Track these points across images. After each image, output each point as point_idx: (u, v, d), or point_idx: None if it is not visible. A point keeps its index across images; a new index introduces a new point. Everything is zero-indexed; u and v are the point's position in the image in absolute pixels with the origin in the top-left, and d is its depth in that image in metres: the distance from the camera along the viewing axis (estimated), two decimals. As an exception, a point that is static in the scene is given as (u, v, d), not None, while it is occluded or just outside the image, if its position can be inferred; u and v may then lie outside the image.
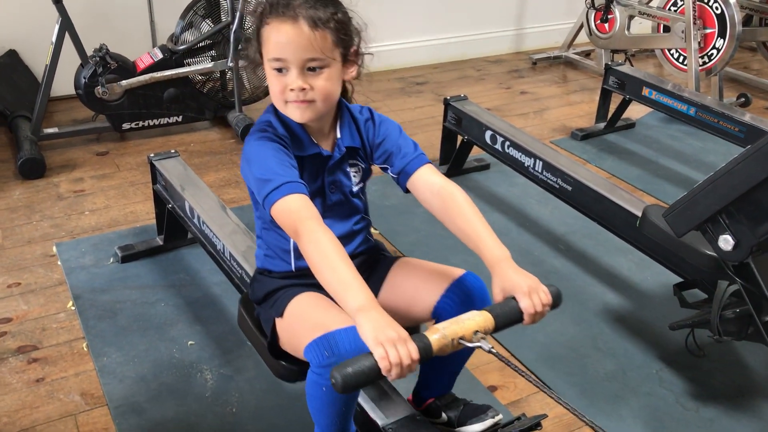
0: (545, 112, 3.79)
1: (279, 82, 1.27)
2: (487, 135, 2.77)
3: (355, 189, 1.42)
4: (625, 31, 4.03)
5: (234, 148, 3.21)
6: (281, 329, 1.37)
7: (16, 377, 1.91)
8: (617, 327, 2.17)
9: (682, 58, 3.90)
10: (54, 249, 2.45)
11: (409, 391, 1.57)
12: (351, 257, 1.22)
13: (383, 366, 1.06)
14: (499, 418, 1.40)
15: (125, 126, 3.20)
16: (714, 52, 3.71)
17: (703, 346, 2.03)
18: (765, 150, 0.71)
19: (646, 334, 2.14)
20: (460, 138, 2.96)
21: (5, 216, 2.64)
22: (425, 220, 2.70)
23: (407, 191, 1.43)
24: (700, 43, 3.72)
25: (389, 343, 1.06)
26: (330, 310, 1.27)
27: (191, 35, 3.21)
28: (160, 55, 3.16)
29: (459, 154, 2.99)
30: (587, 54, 4.55)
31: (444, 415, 1.45)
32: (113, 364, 1.96)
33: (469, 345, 1.13)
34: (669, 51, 3.98)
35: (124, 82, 3.10)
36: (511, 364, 1.17)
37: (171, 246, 2.44)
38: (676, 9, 3.87)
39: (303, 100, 1.27)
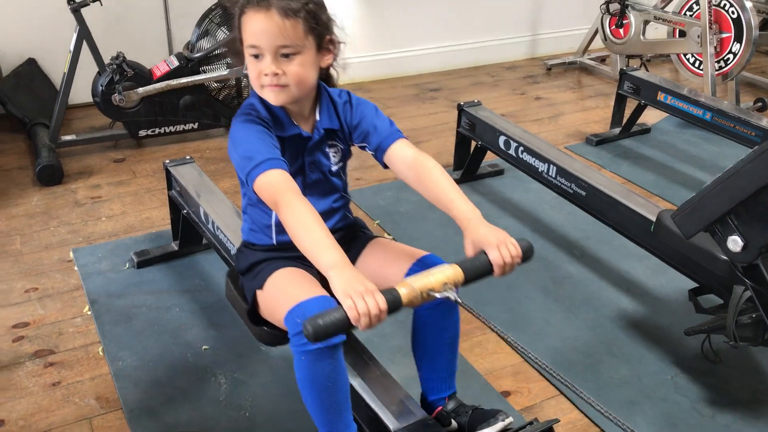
0: (560, 117, 3.78)
1: (255, 67, 1.37)
2: (501, 140, 2.77)
3: (334, 168, 1.51)
4: (641, 36, 4.02)
5: (249, 154, 3.22)
6: (262, 300, 1.47)
7: (32, 381, 1.93)
8: (632, 332, 2.16)
9: (698, 62, 3.87)
10: (71, 254, 2.47)
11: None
12: (333, 231, 1.34)
13: (352, 316, 1.14)
14: (510, 421, 1.40)
15: (142, 133, 3.24)
16: (730, 56, 3.69)
17: (719, 351, 2.01)
18: None
19: (661, 339, 2.12)
20: (473, 143, 2.96)
21: (24, 222, 2.68)
22: (439, 225, 2.70)
23: (386, 166, 1.51)
24: (716, 48, 3.70)
25: (357, 295, 1.14)
26: (305, 283, 1.36)
27: (207, 43, 3.24)
28: (176, 63, 3.19)
29: (473, 159, 2.99)
30: (602, 59, 4.54)
31: (454, 423, 1.45)
32: (128, 368, 1.98)
33: (438, 296, 1.19)
34: (685, 56, 3.95)
35: (140, 89, 3.14)
36: (481, 316, 1.26)
37: (186, 251, 2.46)
38: (691, 13, 3.85)
39: (277, 84, 1.36)
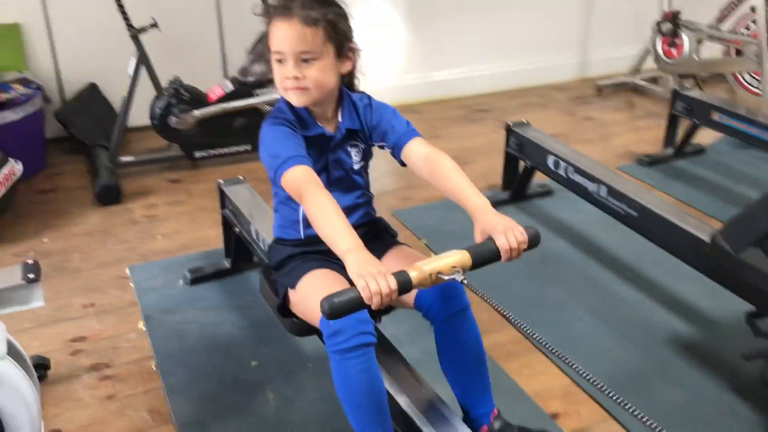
0: (610, 138, 3.74)
1: (279, 72, 1.49)
2: (550, 160, 2.75)
3: (356, 167, 1.61)
4: (694, 56, 3.96)
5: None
6: (294, 299, 1.57)
7: (88, 393, 1.98)
8: (686, 356, 2.11)
9: (754, 82, 3.79)
10: (127, 271, 2.55)
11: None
12: (356, 227, 1.44)
13: (365, 295, 1.22)
14: (558, 441, 1.38)
15: (197, 154, 3.32)
16: (789, 75, 3.60)
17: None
18: None
19: (718, 364, 2.07)
20: (522, 164, 2.95)
21: (83, 240, 2.77)
22: (510, 274, 2.68)
23: (403, 164, 1.60)
24: (773, 67, 3.62)
25: (370, 276, 1.23)
26: (336, 286, 1.41)
27: (260, 67, 3.32)
28: (230, 87, 3.28)
29: (521, 180, 2.98)
30: (654, 80, 4.48)
31: (500, 442, 1.44)
32: (180, 383, 2.02)
33: (446, 278, 1.27)
34: (740, 75, 3.88)
35: (196, 112, 3.22)
36: (491, 300, 1.30)
37: (237, 269, 2.51)
38: (748, 32, 3.78)
39: (298, 87, 1.47)
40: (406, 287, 1.25)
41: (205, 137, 3.29)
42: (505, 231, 1.36)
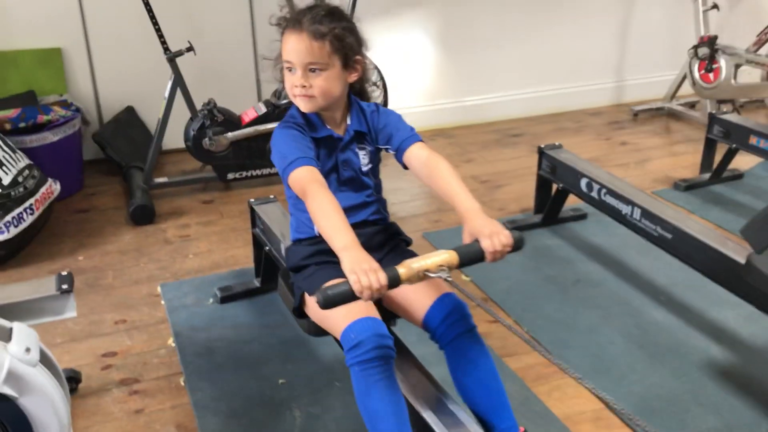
0: (647, 162, 3.69)
1: (289, 80, 1.61)
2: (583, 183, 2.73)
3: (365, 168, 1.70)
4: (732, 81, 3.91)
5: (331, 197, 3.29)
6: (311, 306, 1.64)
7: (117, 407, 2.00)
8: (722, 382, 2.05)
9: (794, 106, 3.73)
10: (159, 289, 2.58)
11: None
12: (365, 224, 1.66)
13: (356, 288, 1.32)
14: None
15: (230, 176, 3.37)
16: (830, 99, 3.53)
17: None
18: None
19: (754, 390, 2.01)
20: (555, 186, 2.92)
21: (116, 258, 2.81)
22: (518, 269, 2.66)
23: (405, 167, 1.70)
24: (813, 91, 3.55)
25: (362, 272, 1.33)
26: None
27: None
28: (263, 109, 3.32)
29: (554, 202, 2.95)
30: (692, 105, 4.42)
31: (528, 460, 1.42)
32: (207, 398, 2.02)
33: (432, 275, 1.36)
34: (780, 100, 3.81)
35: (229, 134, 3.27)
36: (476, 299, 1.42)
37: (267, 288, 2.52)
38: (786, 56, 3.72)
39: (305, 94, 1.59)
40: (394, 282, 1.35)
41: (238, 159, 3.33)
42: (491, 234, 1.43)
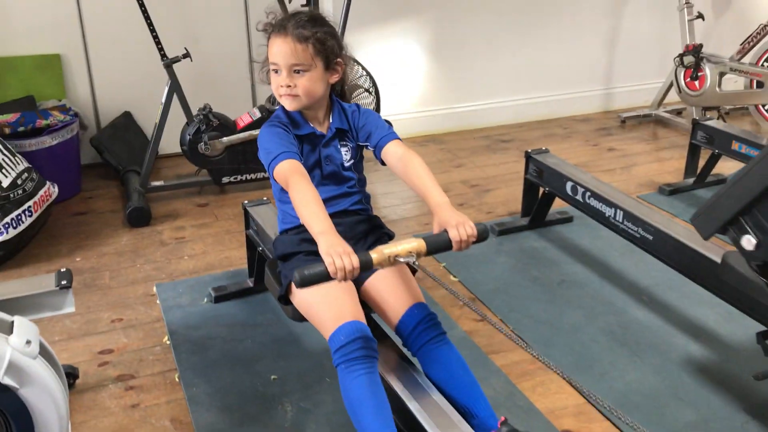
0: (633, 168, 3.77)
1: (275, 80, 1.73)
2: (568, 186, 2.80)
3: (346, 164, 1.83)
4: (717, 88, 3.99)
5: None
6: (298, 299, 1.74)
7: (114, 402, 2.06)
8: (700, 378, 2.12)
9: (777, 113, 3.81)
10: (154, 289, 2.64)
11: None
12: (346, 213, 1.80)
13: (330, 270, 1.43)
14: (562, 446, 1.41)
15: (225, 180, 3.43)
16: (811, 107, 3.62)
17: (793, 398, 1.95)
18: None
19: (731, 386, 2.08)
20: (541, 190, 3.00)
21: (113, 259, 2.87)
22: (505, 269, 2.73)
23: (383, 163, 1.81)
24: (795, 98, 3.64)
25: (336, 254, 1.44)
26: (340, 294, 1.64)
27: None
28: (258, 114, 3.39)
29: (541, 205, 3.02)
30: (678, 112, 4.51)
31: (509, 447, 1.48)
32: (202, 394, 2.08)
33: (402, 260, 1.48)
34: (764, 107, 3.90)
35: (224, 139, 3.34)
36: (444, 283, 1.51)
37: (260, 288, 2.58)
38: (769, 64, 3.81)
39: (290, 94, 1.71)
40: (367, 266, 1.46)
41: (233, 163, 3.40)
42: (457, 225, 1.55)
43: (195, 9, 3.74)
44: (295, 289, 1.72)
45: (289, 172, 1.64)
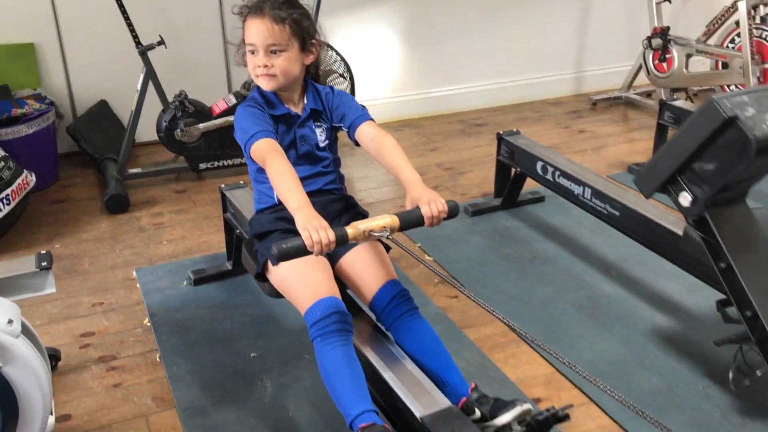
0: (603, 149, 3.85)
1: (252, 61, 1.77)
2: (539, 166, 2.87)
3: (321, 144, 1.87)
4: (684, 70, 4.08)
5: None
6: (274, 276, 1.79)
7: (96, 382, 2.10)
8: (665, 347, 2.20)
9: (742, 93, 3.91)
10: (134, 274, 2.67)
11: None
12: (321, 192, 1.84)
13: (307, 243, 1.48)
14: (528, 407, 1.48)
15: (202, 166, 3.46)
16: (774, 86, 3.72)
17: (752, 362, 2.03)
18: (705, 112, 0.80)
19: (694, 353, 2.16)
20: (513, 171, 3.06)
21: (92, 246, 2.90)
22: (478, 248, 2.80)
23: (357, 143, 1.86)
24: (759, 79, 3.73)
25: (313, 229, 1.49)
26: (316, 270, 1.68)
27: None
28: (233, 100, 3.42)
29: (513, 186, 3.09)
30: (648, 94, 4.60)
31: (477, 412, 1.54)
32: (182, 372, 2.13)
33: (376, 235, 1.54)
34: (729, 88, 3.99)
35: (201, 125, 3.37)
36: (419, 257, 1.64)
37: (239, 270, 2.63)
38: (733, 46, 3.91)
39: (267, 74, 1.75)
40: (342, 240, 1.51)
41: (210, 149, 3.42)
42: (429, 201, 1.60)
43: (169, -4, 3.75)
44: (272, 267, 1.78)
45: (266, 150, 1.68)
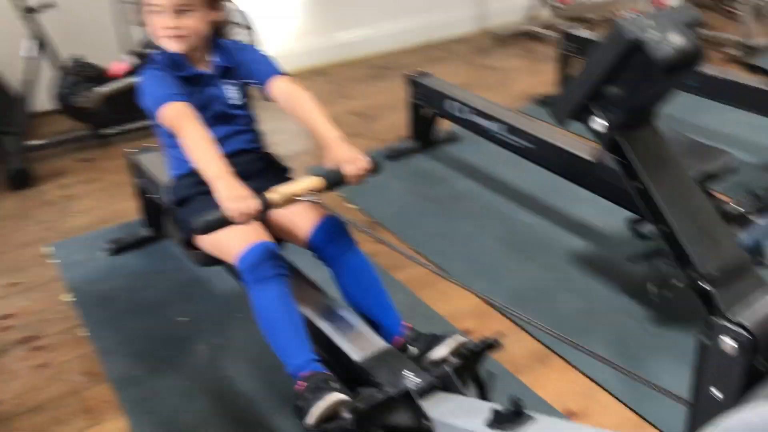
0: (511, 83, 3.92)
1: (157, 22, 1.68)
2: (451, 106, 2.89)
3: (234, 102, 1.80)
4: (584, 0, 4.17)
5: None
6: (201, 237, 1.71)
7: (20, 365, 2.03)
8: (585, 269, 2.30)
9: (638, 20, 4.03)
10: (48, 249, 2.57)
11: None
12: (241, 152, 1.77)
13: (231, 215, 1.43)
14: (461, 339, 1.52)
15: (107, 132, 3.32)
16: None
17: (664, 275, 2.14)
18: (611, 38, 0.83)
19: (612, 272, 2.27)
20: (426, 112, 3.08)
21: (-1, 225, 2.77)
22: (400, 193, 2.83)
23: (270, 100, 1.79)
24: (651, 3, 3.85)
25: (235, 199, 1.44)
26: (244, 226, 1.56)
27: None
28: (135, 60, 3.28)
29: (427, 128, 3.11)
30: (550, 27, 4.68)
31: (412, 349, 1.57)
32: (112, 344, 2.08)
33: (301, 199, 1.51)
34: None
35: (101, 89, 3.22)
36: (330, 208, 1.62)
37: (158, 236, 2.56)
38: (628, -27, 4.00)
39: (176, 35, 1.68)
40: (266, 207, 1.47)
41: (114, 114, 3.28)
42: (351, 160, 1.58)
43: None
44: None
45: (178, 115, 1.60)
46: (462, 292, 2.22)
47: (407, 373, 1.42)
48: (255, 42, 3.47)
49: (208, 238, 1.70)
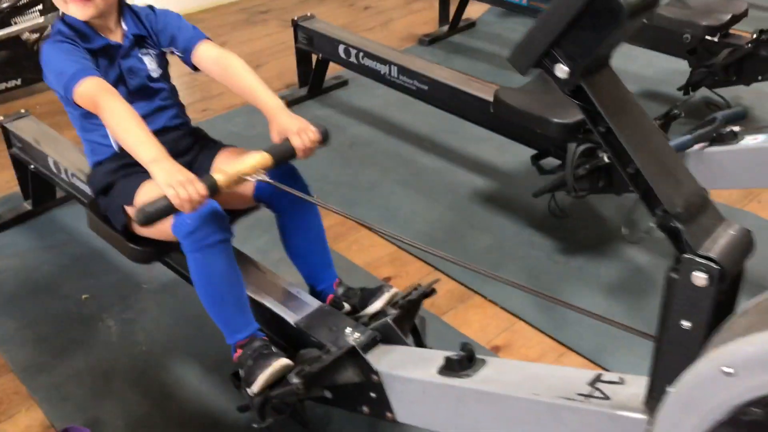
0: (391, 23, 3.88)
1: None
2: (341, 49, 2.83)
3: (154, 74, 1.61)
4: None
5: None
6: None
7: None
8: (489, 207, 2.36)
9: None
10: None
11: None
12: (167, 130, 1.58)
13: (176, 203, 1.28)
14: (395, 291, 1.53)
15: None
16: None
17: (565, 207, 2.25)
18: None
19: (515, 207, 2.34)
20: (314, 57, 3.00)
21: None
22: (325, 163, 2.75)
23: (195, 68, 1.63)
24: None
25: (178, 185, 1.28)
26: None
27: (13, -8, 3.02)
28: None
29: (316, 73, 3.04)
30: (421, -37, 4.66)
31: (346, 305, 1.56)
32: (9, 331, 1.93)
33: (250, 179, 1.38)
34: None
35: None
36: (284, 189, 1.45)
37: (41, 209, 2.38)
38: None
39: (82, 0, 1.47)
40: (213, 191, 1.33)
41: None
42: (299, 132, 1.46)
43: None
44: (132, 210, 1.53)
45: (95, 91, 1.41)
46: (376, 240, 2.24)
47: (348, 330, 1.41)
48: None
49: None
